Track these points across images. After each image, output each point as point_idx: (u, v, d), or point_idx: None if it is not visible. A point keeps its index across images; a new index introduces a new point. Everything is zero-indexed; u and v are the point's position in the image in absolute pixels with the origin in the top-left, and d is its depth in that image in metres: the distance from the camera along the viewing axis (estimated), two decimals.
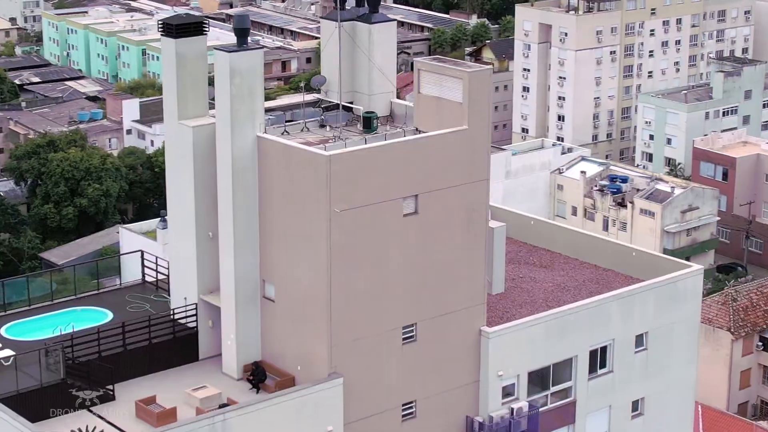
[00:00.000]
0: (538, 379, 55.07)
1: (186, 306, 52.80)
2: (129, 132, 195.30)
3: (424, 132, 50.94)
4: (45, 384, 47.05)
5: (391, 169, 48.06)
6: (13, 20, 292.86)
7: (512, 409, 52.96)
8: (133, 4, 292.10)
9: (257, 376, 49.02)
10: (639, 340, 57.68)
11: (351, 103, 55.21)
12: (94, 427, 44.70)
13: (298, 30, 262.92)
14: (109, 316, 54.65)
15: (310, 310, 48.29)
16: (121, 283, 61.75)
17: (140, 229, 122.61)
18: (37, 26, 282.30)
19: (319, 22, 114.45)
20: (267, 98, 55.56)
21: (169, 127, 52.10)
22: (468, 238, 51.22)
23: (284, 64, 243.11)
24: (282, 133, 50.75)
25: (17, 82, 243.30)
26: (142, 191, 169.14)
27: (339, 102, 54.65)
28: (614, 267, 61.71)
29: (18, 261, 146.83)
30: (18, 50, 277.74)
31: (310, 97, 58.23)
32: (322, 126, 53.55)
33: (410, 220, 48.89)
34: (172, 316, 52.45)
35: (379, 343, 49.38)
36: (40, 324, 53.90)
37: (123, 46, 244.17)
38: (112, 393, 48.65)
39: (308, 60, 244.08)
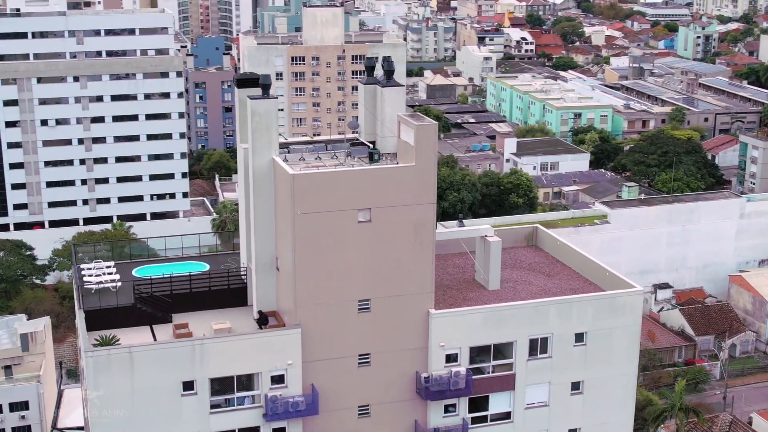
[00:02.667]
0: (482, 353, 57.48)
1: (240, 269, 60.98)
2: (507, 161, 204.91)
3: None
4: (120, 305, 56.81)
5: (347, 187, 52.64)
6: (471, 79, 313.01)
7: (451, 371, 56.87)
8: (546, 73, 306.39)
9: (260, 319, 56.31)
10: (579, 337, 57.92)
11: (373, 142, 59.23)
12: (113, 336, 54.20)
13: (666, 99, 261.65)
14: (206, 268, 63.15)
15: (288, 280, 54.10)
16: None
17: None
18: (484, 84, 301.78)
19: None
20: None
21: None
22: (416, 244, 54.02)
23: (644, 123, 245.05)
24: (299, 159, 57.07)
25: (458, 120, 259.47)
26: (491, 201, 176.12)
27: (359, 140, 60.23)
28: (596, 281, 62.23)
29: None
30: (469, 99, 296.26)
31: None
32: (349, 156, 58.46)
33: (365, 225, 53.22)
34: (227, 274, 60.73)
35: (338, 309, 53.76)
36: (157, 269, 61.29)
37: (532, 101, 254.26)
38: (169, 317, 57.81)
39: (663, 120, 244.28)
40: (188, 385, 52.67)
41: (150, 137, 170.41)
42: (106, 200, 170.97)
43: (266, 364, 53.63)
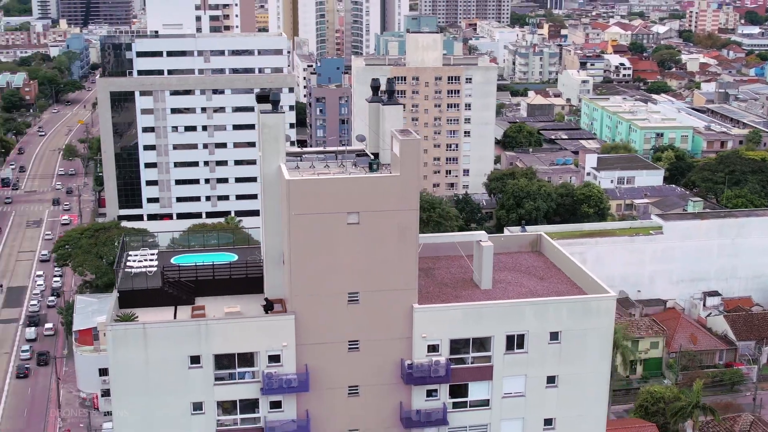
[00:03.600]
0: (462, 345, 56.94)
1: (257, 260, 61.71)
2: (588, 174, 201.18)
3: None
4: (149, 288, 58.41)
5: (338, 192, 53.25)
6: (568, 100, 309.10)
7: (432, 360, 56.40)
8: (639, 96, 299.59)
9: (267, 306, 56.89)
10: (554, 335, 56.72)
11: (376, 154, 59.30)
12: (133, 314, 55.70)
13: (747, 122, 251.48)
14: (234, 258, 64.08)
15: (286, 272, 55.55)
16: None
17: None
18: (580, 105, 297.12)
19: None
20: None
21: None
22: (400, 245, 54.06)
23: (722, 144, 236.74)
24: (310, 166, 57.90)
25: (552, 137, 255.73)
26: (564, 210, 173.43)
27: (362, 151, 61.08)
28: (583, 286, 60.51)
29: None
30: (565, 118, 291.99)
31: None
32: (354, 165, 58.56)
33: (354, 227, 53.40)
34: (246, 265, 61.60)
35: (329, 299, 54.18)
36: (192, 258, 62.65)
37: (619, 121, 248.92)
38: (192, 300, 59.00)
39: (741, 141, 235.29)
40: (195, 359, 53.96)
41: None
42: (225, 197, 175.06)
43: (263, 345, 54.49)
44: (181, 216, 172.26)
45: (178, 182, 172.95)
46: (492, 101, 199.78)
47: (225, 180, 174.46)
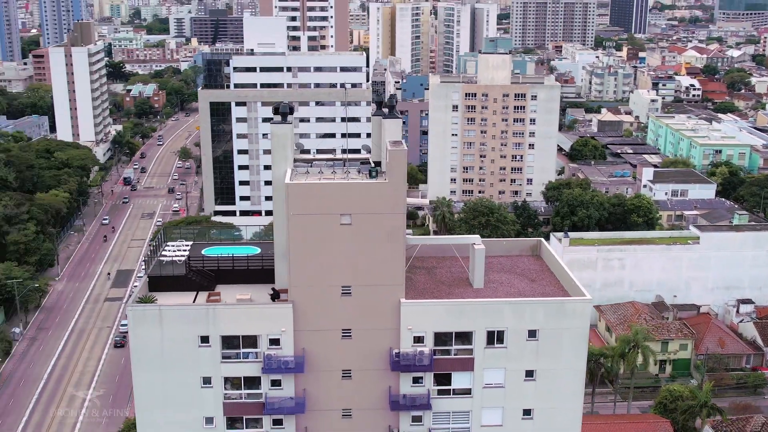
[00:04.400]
0: (446, 337, 56.19)
1: (270, 254, 60.94)
2: (644, 186, 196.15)
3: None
4: (175, 274, 59.60)
5: (332, 196, 53.43)
6: (637, 117, 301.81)
7: (417, 350, 55.87)
8: (705, 115, 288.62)
9: (273, 295, 57.35)
10: (531, 333, 55.51)
11: (379, 162, 58.98)
12: (152, 296, 56.90)
13: None
14: (257, 251, 64.51)
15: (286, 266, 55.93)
16: None
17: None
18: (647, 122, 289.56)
19: None
20: None
21: None
22: (389, 245, 53.74)
23: None
24: (318, 172, 58.12)
25: (618, 151, 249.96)
26: (615, 219, 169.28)
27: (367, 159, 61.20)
28: (568, 288, 59.08)
29: None
30: (633, 134, 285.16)
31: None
32: (359, 172, 58.37)
33: (346, 227, 53.47)
34: (261, 258, 61.97)
35: (324, 291, 54.29)
36: (221, 250, 63.35)
37: (681, 138, 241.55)
38: (213, 287, 59.73)
39: None
40: (204, 339, 54.91)
41: (344, 151, 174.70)
42: None
43: (265, 329, 55.03)
44: (269, 213, 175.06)
45: (267, 183, 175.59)
46: (555, 117, 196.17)
47: None
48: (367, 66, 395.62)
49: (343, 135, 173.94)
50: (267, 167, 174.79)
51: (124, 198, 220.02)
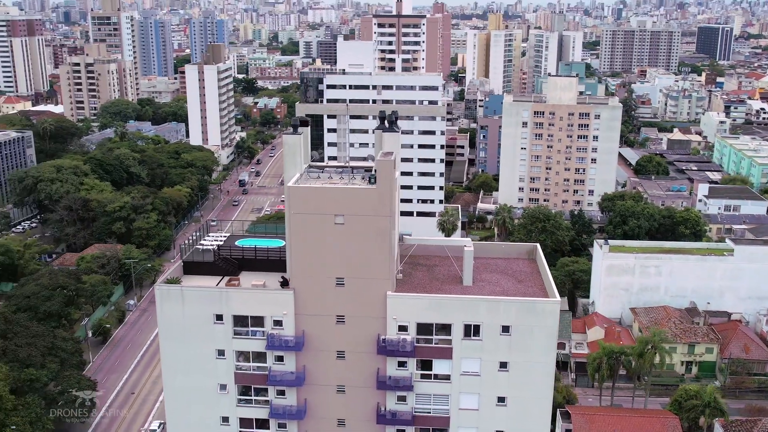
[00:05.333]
0: (428, 328, 55.46)
1: None
2: (699, 200, 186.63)
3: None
4: (205, 260, 61.02)
5: (327, 199, 53.72)
6: (705, 137, 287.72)
7: (401, 338, 55.44)
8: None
9: (283, 282, 57.76)
10: (505, 328, 54.17)
11: None
12: (178, 278, 58.38)
13: None
14: (281, 244, 64.91)
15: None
16: None
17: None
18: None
19: None
20: None
21: None
22: (378, 245, 53.55)
23: None
24: (328, 177, 58.24)
25: (683, 168, 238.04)
26: (665, 230, 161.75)
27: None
28: (548, 290, 57.16)
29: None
30: (700, 152, 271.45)
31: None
32: (363, 178, 58.32)
33: (340, 226, 53.56)
34: (279, 251, 62.33)
35: (321, 282, 54.66)
36: (251, 242, 63.87)
37: (743, 157, 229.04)
38: (238, 273, 60.76)
39: None
40: (219, 317, 56.28)
41: (420, 160, 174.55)
42: None
43: (269, 311, 55.92)
44: None
45: None
46: (616, 134, 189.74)
47: None
48: (463, 86, 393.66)
49: (420, 146, 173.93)
50: None
51: (233, 201, 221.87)
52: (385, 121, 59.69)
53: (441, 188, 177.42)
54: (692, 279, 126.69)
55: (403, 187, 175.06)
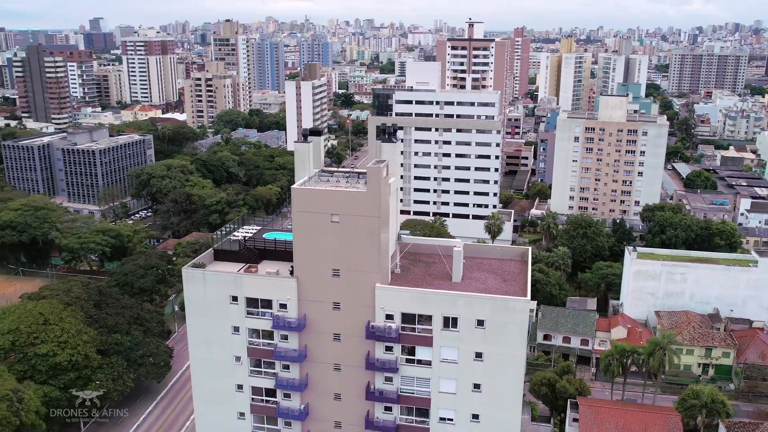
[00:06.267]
0: (411, 317, 54.97)
1: None
2: (741, 214, 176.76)
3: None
4: (232, 249, 62.27)
5: (324, 200, 54.10)
6: (758, 155, 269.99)
7: (386, 325, 55.15)
8: None
9: (291, 271, 58.23)
10: (480, 322, 53.11)
11: None
12: (203, 263, 59.80)
13: None
14: None
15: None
16: None
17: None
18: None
19: None
20: None
21: None
22: (368, 242, 53.51)
23: None
24: (336, 181, 58.44)
25: (732, 183, 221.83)
26: (701, 240, 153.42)
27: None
28: (526, 290, 55.98)
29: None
30: (753, 169, 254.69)
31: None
32: (366, 183, 57.92)
33: (335, 224, 53.83)
34: None
35: (319, 272, 55.15)
36: (276, 235, 64.52)
37: None
38: (258, 261, 61.65)
39: None
40: (234, 298, 57.66)
41: (476, 168, 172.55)
42: (446, 203, 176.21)
43: (275, 295, 56.86)
44: (416, 213, 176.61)
45: (416, 190, 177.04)
46: (662, 150, 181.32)
47: (447, 192, 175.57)
48: (536, 103, 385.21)
49: (476, 156, 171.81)
50: (417, 177, 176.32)
51: None
52: (385, 133, 59.40)
53: (495, 194, 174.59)
54: (716, 287, 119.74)
55: (460, 192, 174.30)
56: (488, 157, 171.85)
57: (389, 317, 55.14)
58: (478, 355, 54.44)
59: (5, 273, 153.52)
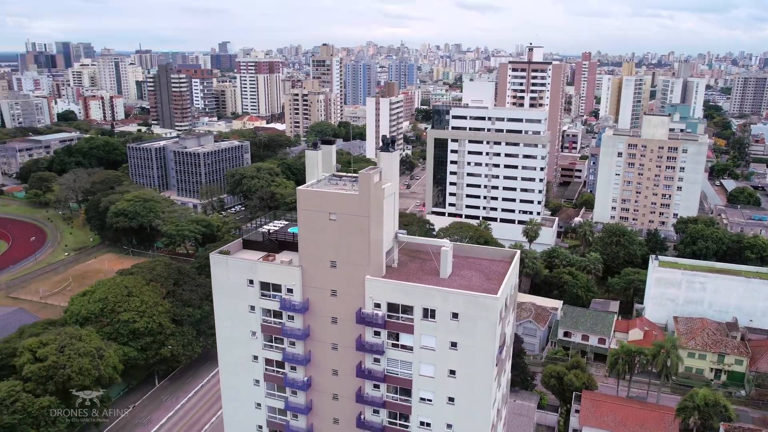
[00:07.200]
0: (395, 307, 54.40)
1: None
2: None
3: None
4: (257, 240, 63.25)
5: (323, 200, 54.59)
6: None
7: (374, 312, 54.97)
8: None
9: None
10: (454, 315, 51.98)
11: None
12: (227, 250, 61.36)
13: None
14: None
15: None
16: None
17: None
18: None
19: None
20: None
21: None
22: (360, 239, 53.64)
23: None
24: (343, 185, 58.62)
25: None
26: (732, 252, 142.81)
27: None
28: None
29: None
30: None
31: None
32: None
33: (333, 222, 54.20)
34: None
35: (320, 264, 55.69)
36: (296, 230, 66.05)
37: None
38: (279, 251, 62.65)
39: None
40: (251, 282, 59.06)
41: (523, 179, 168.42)
42: (494, 209, 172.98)
43: (283, 281, 57.80)
44: (468, 216, 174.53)
45: (468, 195, 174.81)
46: (701, 167, 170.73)
47: (495, 198, 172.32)
48: (597, 119, 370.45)
49: (523, 167, 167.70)
50: (469, 185, 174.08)
51: None
52: (385, 144, 59.27)
53: (539, 202, 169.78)
54: (735, 297, 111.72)
55: (507, 199, 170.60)
56: (534, 168, 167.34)
57: (377, 306, 55.08)
58: (453, 344, 53.43)
59: (118, 252, 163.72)
